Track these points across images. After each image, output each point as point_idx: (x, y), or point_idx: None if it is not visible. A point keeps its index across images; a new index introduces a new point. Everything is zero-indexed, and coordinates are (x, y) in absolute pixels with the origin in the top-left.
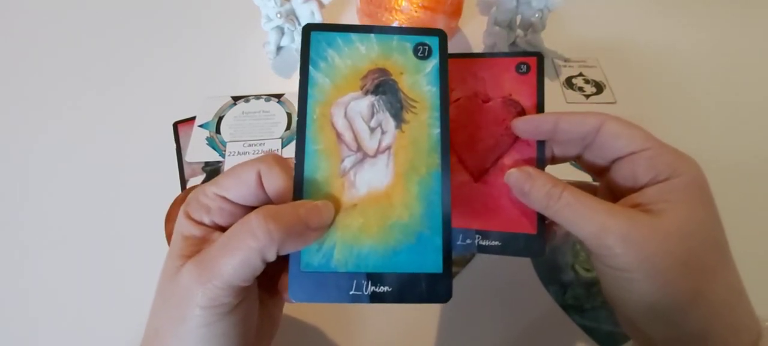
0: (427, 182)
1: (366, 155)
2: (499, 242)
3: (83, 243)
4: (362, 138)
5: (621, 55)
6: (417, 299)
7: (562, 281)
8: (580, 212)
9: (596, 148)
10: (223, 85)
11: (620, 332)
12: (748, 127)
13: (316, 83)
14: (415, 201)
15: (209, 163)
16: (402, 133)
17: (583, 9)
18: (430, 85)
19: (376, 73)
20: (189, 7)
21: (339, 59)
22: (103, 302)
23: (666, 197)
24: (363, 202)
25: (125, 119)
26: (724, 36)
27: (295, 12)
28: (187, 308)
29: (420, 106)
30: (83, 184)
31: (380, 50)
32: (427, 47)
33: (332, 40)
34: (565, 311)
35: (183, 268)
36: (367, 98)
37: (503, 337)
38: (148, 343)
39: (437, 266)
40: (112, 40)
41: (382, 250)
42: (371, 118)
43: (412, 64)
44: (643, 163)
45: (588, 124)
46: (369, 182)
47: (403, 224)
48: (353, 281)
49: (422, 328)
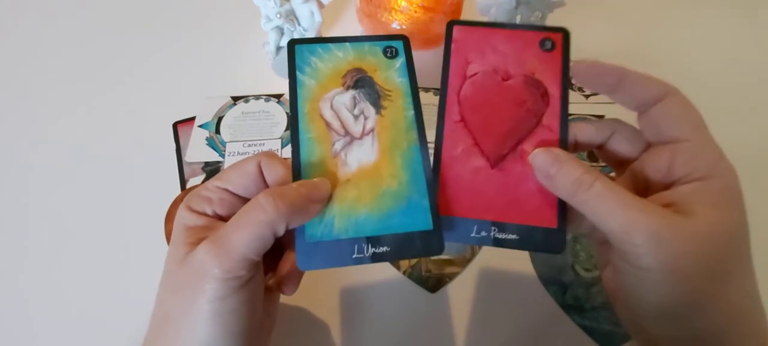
0: (409, 154)
1: (353, 138)
2: (516, 236)
3: (83, 243)
4: (348, 124)
5: (621, 56)
6: (413, 254)
7: (562, 281)
8: (610, 205)
9: (645, 122)
10: (222, 85)
11: (620, 332)
12: (749, 127)
13: (304, 85)
14: (401, 170)
15: (209, 164)
16: (382, 117)
17: (583, 9)
18: (401, 77)
19: (354, 72)
20: (189, 8)
21: (321, 63)
22: (103, 302)
23: (701, 198)
24: (355, 176)
25: (125, 119)
26: (725, 36)
27: (295, 12)
28: (202, 283)
29: (394, 95)
30: (83, 184)
31: (355, 54)
32: (393, 49)
33: (313, 49)
34: (565, 311)
35: (197, 249)
36: (349, 92)
37: (503, 337)
38: (157, 331)
39: (428, 224)
40: (112, 40)
41: (377, 215)
42: (354, 107)
43: (383, 63)
44: (684, 155)
45: (653, 89)
46: (359, 159)
47: (393, 191)
48: (355, 245)
49: (422, 328)
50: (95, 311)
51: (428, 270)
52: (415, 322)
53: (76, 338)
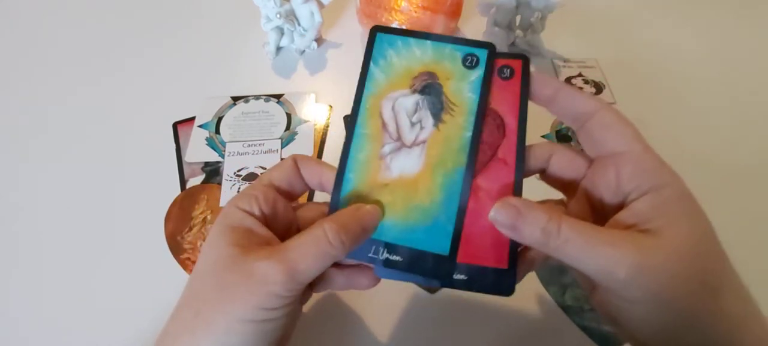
0: (451, 176)
1: (403, 145)
2: (465, 276)
3: (83, 243)
4: (403, 130)
5: (621, 56)
6: (422, 272)
7: (561, 281)
8: (584, 247)
9: (583, 137)
10: (222, 85)
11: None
12: (748, 127)
13: (374, 78)
14: (438, 190)
15: (209, 164)
16: (438, 131)
17: (583, 9)
18: (472, 92)
19: (426, 76)
20: (189, 7)
21: (396, 59)
22: (103, 302)
23: (660, 212)
24: (394, 183)
25: (125, 119)
26: (724, 36)
27: (295, 12)
28: (259, 291)
29: (458, 110)
30: (83, 184)
31: (433, 55)
32: (475, 58)
33: (393, 41)
34: (564, 312)
35: (259, 260)
36: (414, 96)
37: (503, 337)
38: (182, 326)
39: (445, 249)
40: (112, 40)
41: (402, 226)
42: (414, 114)
43: (459, 72)
44: (628, 167)
45: (586, 104)
46: (402, 168)
47: (423, 207)
48: (373, 246)
49: (422, 328)
50: (95, 310)
51: None
52: (415, 322)
53: (77, 338)
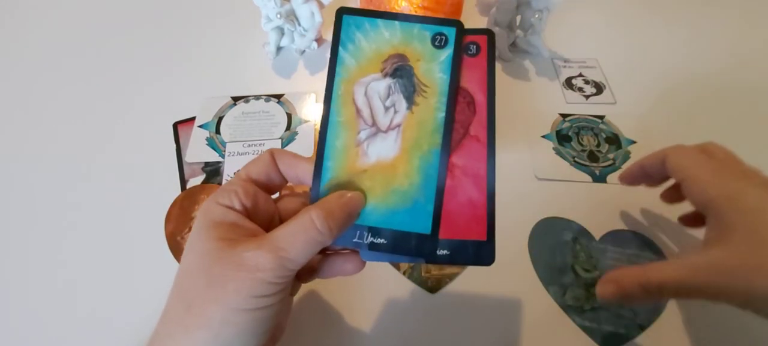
0: (427, 158)
1: (379, 130)
2: (447, 251)
3: (83, 243)
4: (377, 115)
5: (621, 56)
6: (406, 252)
7: (561, 281)
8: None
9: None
10: (223, 85)
11: (620, 332)
12: (748, 127)
13: (344, 63)
14: (415, 172)
15: (209, 164)
16: (411, 113)
17: (583, 9)
18: (442, 73)
19: (396, 59)
20: (189, 8)
21: (365, 42)
22: (104, 302)
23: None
24: (372, 169)
25: (125, 119)
26: (723, 36)
27: (295, 12)
28: (249, 279)
29: (430, 91)
30: (83, 184)
31: (402, 37)
32: (443, 37)
33: (361, 24)
34: (565, 312)
35: (246, 250)
36: (386, 80)
37: (503, 337)
38: (174, 323)
39: (426, 228)
40: (112, 41)
41: (383, 209)
42: (387, 98)
43: (428, 52)
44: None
45: (658, 156)
46: (379, 153)
47: (402, 190)
48: (357, 231)
49: (422, 328)
50: (96, 310)
51: (428, 271)
52: (415, 322)
53: (77, 338)
